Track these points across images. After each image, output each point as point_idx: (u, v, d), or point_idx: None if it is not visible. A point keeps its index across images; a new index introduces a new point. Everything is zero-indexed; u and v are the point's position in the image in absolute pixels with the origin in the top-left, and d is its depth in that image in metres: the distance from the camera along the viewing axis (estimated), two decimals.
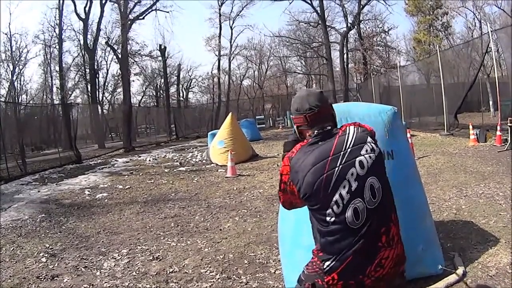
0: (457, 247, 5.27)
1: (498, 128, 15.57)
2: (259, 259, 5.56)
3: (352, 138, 2.39)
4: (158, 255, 5.98)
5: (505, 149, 13.75)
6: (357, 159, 2.32)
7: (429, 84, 29.98)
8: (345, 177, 2.28)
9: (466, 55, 24.14)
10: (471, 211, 6.87)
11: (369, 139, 2.41)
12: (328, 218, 2.29)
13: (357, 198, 2.27)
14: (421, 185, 4.78)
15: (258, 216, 7.84)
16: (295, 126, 2.66)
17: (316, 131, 2.47)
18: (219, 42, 57.36)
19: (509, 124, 14.30)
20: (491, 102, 31.07)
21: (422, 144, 17.51)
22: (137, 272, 5.44)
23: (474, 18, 38.92)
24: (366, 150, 2.35)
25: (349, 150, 2.34)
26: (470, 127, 17.00)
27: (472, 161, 12.23)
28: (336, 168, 2.29)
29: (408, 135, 14.41)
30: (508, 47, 18.65)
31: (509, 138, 14.09)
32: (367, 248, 2.28)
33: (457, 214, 6.84)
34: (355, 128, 2.45)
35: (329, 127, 2.48)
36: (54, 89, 47.98)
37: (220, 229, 7.15)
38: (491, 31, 18.77)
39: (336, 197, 2.27)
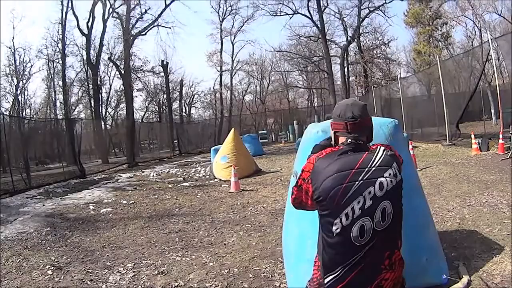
0: (461, 257, 5.29)
1: (501, 136, 15.60)
2: (264, 273, 5.58)
3: (380, 158, 2.44)
4: (163, 270, 6.01)
5: (508, 157, 13.80)
6: (379, 179, 2.37)
7: (430, 95, 30.11)
8: (362, 193, 2.33)
9: (467, 64, 24.29)
10: (475, 220, 6.91)
11: (394, 164, 2.46)
12: (334, 228, 2.34)
13: (366, 216, 2.32)
14: (424, 196, 4.81)
15: (262, 230, 7.86)
16: (332, 131, 2.72)
17: (349, 140, 2.53)
18: (221, 57, 57.81)
19: (511, 132, 14.39)
20: (492, 111, 31.29)
21: (424, 155, 17.57)
22: (143, 286, 5.47)
23: (474, 27, 39.05)
24: (389, 174, 2.40)
25: (373, 168, 2.39)
26: (472, 136, 17.05)
27: (475, 170, 12.29)
28: (357, 182, 2.34)
29: (410, 146, 14.47)
30: (509, 54, 18.71)
31: (511, 146, 14.19)
32: (368, 268, 2.33)
33: (461, 223, 6.87)
34: (385, 150, 2.51)
35: (363, 141, 2.55)
36: (58, 104, 48.32)
37: (225, 244, 7.17)
38: (491, 39, 18.86)
39: (348, 209, 2.32)
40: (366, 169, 2.37)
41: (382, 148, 2.51)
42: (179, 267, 6.12)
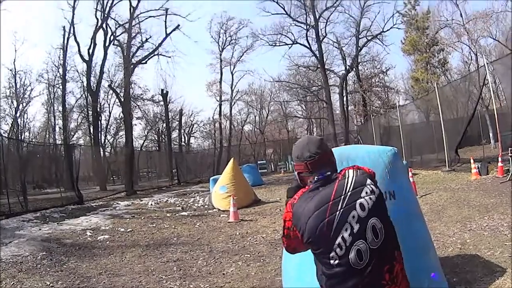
0: (463, 281, 5.29)
1: (499, 159, 15.70)
2: None
3: (352, 181, 2.46)
4: None
5: (508, 179, 13.85)
6: (358, 201, 2.39)
7: (429, 122, 30.23)
8: (346, 220, 2.35)
9: (464, 89, 24.52)
10: (476, 244, 6.90)
11: (368, 181, 2.48)
12: (332, 261, 2.34)
13: (359, 240, 2.32)
14: (424, 222, 4.79)
15: (262, 260, 7.77)
16: (296, 173, 2.72)
17: (316, 177, 2.54)
18: (220, 87, 58.17)
19: (510, 155, 14.45)
20: (491, 134, 31.23)
21: (424, 182, 17.59)
22: None
23: (470, 52, 39.29)
24: (366, 192, 2.43)
25: (349, 193, 2.41)
26: (472, 161, 17.17)
27: (475, 194, 12.32)
28: (337, 212, 2.36)
29: (410, 174, 14.46)
30: (505, 77, 18.82)
31: (510, 169, 14.25)
32: (371, 287, 2.32)
33: (462, 248, 6.86)
34: (354, 171, 2.54)
35: (329, 173, 2.56)
36: (57, 129, 48.46)
37: (223, 274, 7.08)
38: (488, 63, 19.02)
39: (339, 240, 2.33)
40: (342, 196, 2.40)
41: (351, 171, 2.55)
42: None
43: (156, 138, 63.11)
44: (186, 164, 50.26)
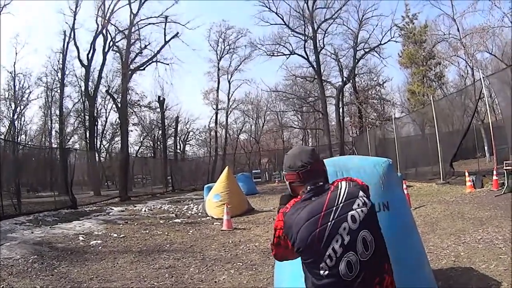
0: None
1: (494, 172, 15.80)
2: None
3: (344, 193, 2.45)
4: None
5: (502, 192, 13.94)
6: (349, 213, 2.38)
7: (424, 134, 30.35)
8: (337, 231, 2.33)
9: (460, 102, 24.71)
10: (470, 257, 6.90)
11: (360, 193, 2.48)
12: (322, 272, 2.33)
13: (350, 252, 2.31)
14: (418, 234, 4.80)
15: (254, 269, 7.76)
16: (287, 183, 2.72)
17: (308, 187, 2.53)
18: (217, 96, 58.22)
19: (505, 168, 14.50)
20: (486, 148, 31.61)
21: (418, 195, 17.59)
22: None
23: (466, 66, 39.49)
24: (358, 205, 2.42)
25: (341, 205, 2.40)
26: (466, 174, 17.19)
27: (470, 207, 12.39)
28: (329, 223, 2.34)
29: (404, 186, 14.47)
30: (501, 92, 18.92)
31: (505, 182, 14.32)
32: None
33: (456, 261, 6.85)
34: (347, 183, 2.53)
35: (321, 183, 2.56)
36: (53, 132, 48.36)
37: (215, 282, 7.06)
38: (483, 77, 19.13)
39: (329, 251, 2.31)
40: (334, 208, 2.39)
41: (344, 182, 2.54)
42: None
43: (152, 145, 63.08)
44: (181, 171, 50.25)
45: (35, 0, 56.45)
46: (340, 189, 2.48)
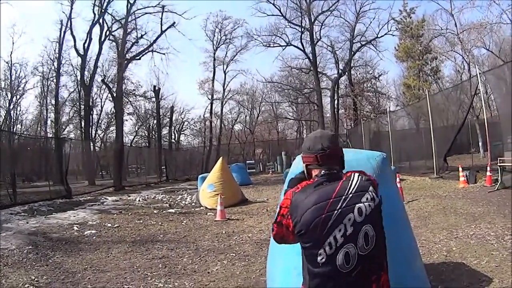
0: None
1: (488, 168, 15.83)
2: None
3: (355, 184, 2.44)
4: None
5: (496, 189, 14.01)
6: (357, 205, 2.36)
7: (419, 128, 30.33)
8: (342, 221, 2.32)
9: (455, 98, 24.69)
10: (462, 253, 6.95)
11: (371, 188, 2.46)
12: (319, 258, 2.32)
13: (350, 243, 2.30)
14: (411, 229, 4.80)
15: (247, 260, 7.82)
16: (303, 165, 2.73)
17: (323, 171, 2.53)
18: (212, 86, 58.27)
19: (499, 165, 14.60)
20: (480, 143, 31.64)
21: (411, 188, 17.65)
22: None
23: (463, 61, 39.49)
24: (367, 198, 2.40)
25: (350, 195, 2.38)
26: (460, 169, 17.27)
27: (462, 202, 12.43)
28: (335, 211, 2.33)
29: (397, 179, 14.51)
30: (497, 89, 18.97)
31: (499, 178, 14.39)
32: None
33: (448, 256, 6.90)
34: (360, 176, 2.51)
35: (336, 170, 2.56)
36: (49, 122, 48.10)
37: (208, 272, 7.13)
38: (480, 73, 19.13)
39: (330, 239, 2.30)
40: (343, 197, 2.37)
41: (357, 174, 2.52)
42: None
43: (147, 135, 62.91)
44: (175, 161, 50.27)
45: None
46: (352, 180, 2.47)
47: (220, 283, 6.46)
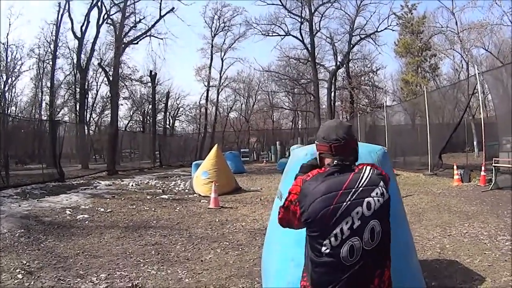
0: (442, 286, 5.35)
1: (483, 168, 15.94)
2: None
3: (367, 178, 2.43)
4: (138, 283, 5.88)
5: (489, 189, 14.12)
6: (366, 199, 2.36)
7: (414, 124, 30.44)
8: (350, 213, 2.32)
9: (452, 96, 24.69)
10: (455, 250, 6.99)
11: (381, 183, 2.45)
12: (323, 249, 2.32)
13: (355, 236, 2.30)
14: (407, 224, 4.82)
15: (240, 249, 7.79)
16: (317, 153, 2.72)
17: (335, 161, 2.51)
18: (209, 72, 58.16)
19: (493, 165, 14.76)
20: (475, 143, 31.87)
21: (405, 184, 17.68)
22: None
23: (461, 60, 39.62)
24: (376, 193, 2.39)
25: (360, 189, 2.37)
26: (455, 167, 17.40)
27: (456, 200, 12.52)
28: (344, 203, 2.32)
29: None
30: (494, 90, 19.02)
31: (493, 178, 14.56)
32: (357, 287, 2.31)
33: (441, 253, 6.93)
34: (371, 170, 2.50)
35: (348, 162, 2.53)
36: (43, 104, 47.97)
37: (201, 260, 7.08)
38: (479, 73, 19.18)
39: (337, 230, 2.30)
40: (354, 189, 2.37)
41: (368, 167, 2.51)
42: (154, 281, 6.01)
43: (141, 119, 62.87)
44: (169, 147, 50.24)
45: None
46: (364, 173, 2.46)
47: (213, 271, 6.41)
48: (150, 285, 5.82)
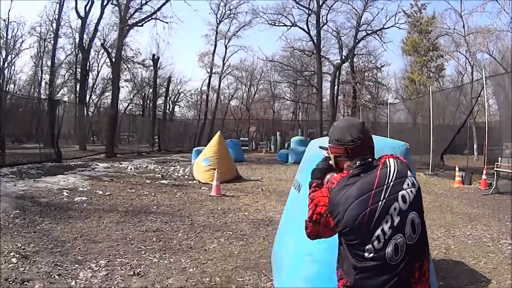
0: (449, 286, 5.40)
1: (484, 172, 16.11)
2: (247, 285, 5.33)
3: (394, 171, 2.27)
4: (139, 271, 5.61)
5: (490, 193, 14.37)
6: (400, 193, 2.21)
7: (416, 124, 30.48)
8: (388, 211, 2.18)
9: (455, 98, 24.90)
10: (460, 252, 7.08)
11: (409, 173, 2.31)
12: (366, 254, 2.18)
13: (398, 234, 2.17)
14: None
15: (244, 240, 7.55)
16: (332, 156, 2.54)
17: (358, 162, 2.33)
18: (212, 59, 57.45)
19: (495, 169, 15.08)
20: (475, 146, 32.37)
21: None
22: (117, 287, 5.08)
23: (466, 63, 39.70)
24: (408, 184, 2.25)
25: (391, 183, 2.23)
26: (457, 168, 17.62)
27: (458, 202, 12.66)
28: (380, 202, 2.18)
29: None
30: (497, 95, 18.98)
31: (493, 183, 14.83)
32: (401, 284, 2.18)
33: (447, 253, 6.99)
34: (395, 161, 2.33)
35: (370, 159, 2.35)
36: (43, 83, 47.74)
37: (205, 250, 6.83)
38: (485, 78, 19.21)
39: (378, 232, 2.16)
40: (385, 186, 2.22)
41: (392, 160, 2.37)
42: (156, 269, 5.73)
43: (141, 103, 62.66)
44: (168, 132, 49.99)
45: None
46: (390, 166, 2.29)
47: (218, 262, 6.16)
48: (153, 274, 5.54)
